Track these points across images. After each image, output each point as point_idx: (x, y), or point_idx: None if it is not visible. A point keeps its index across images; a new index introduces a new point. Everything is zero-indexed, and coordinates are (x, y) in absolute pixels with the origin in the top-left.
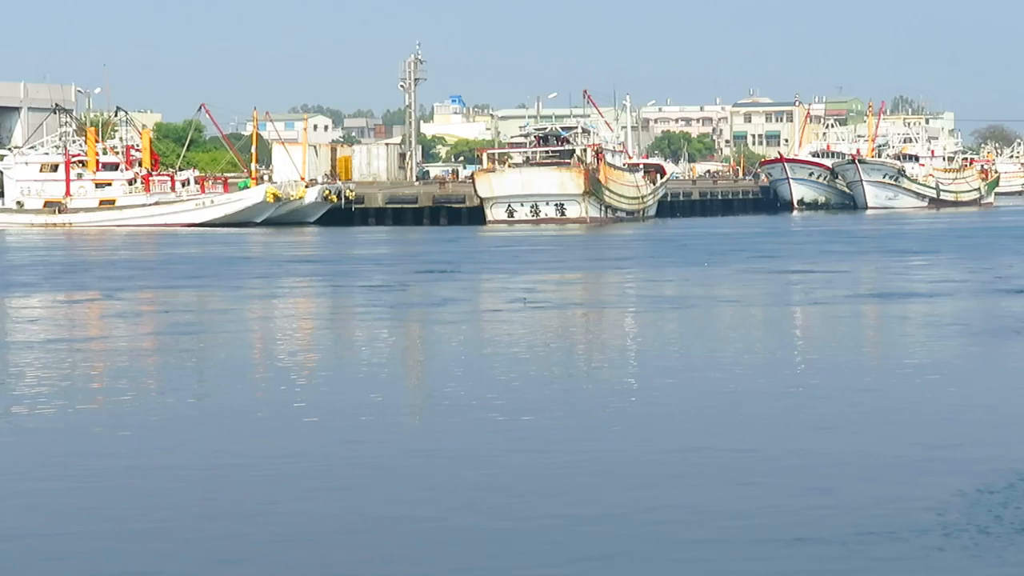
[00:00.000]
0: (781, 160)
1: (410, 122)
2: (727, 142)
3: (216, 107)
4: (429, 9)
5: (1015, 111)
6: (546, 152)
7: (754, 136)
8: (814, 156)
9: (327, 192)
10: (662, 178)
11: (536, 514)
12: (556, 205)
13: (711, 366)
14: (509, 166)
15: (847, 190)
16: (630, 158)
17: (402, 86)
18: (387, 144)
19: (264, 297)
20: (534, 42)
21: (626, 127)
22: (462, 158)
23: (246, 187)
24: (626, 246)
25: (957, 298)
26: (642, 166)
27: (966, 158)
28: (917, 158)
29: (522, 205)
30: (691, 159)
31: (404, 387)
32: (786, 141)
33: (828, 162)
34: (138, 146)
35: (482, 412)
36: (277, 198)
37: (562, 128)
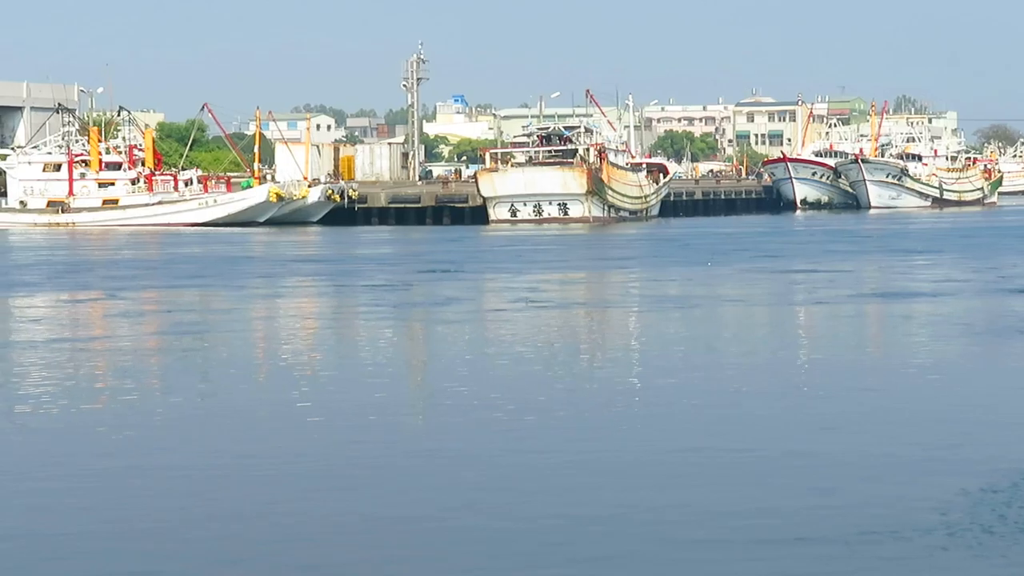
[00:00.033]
0: (784, 160)
1: (413, 122)
2: (730, 141)
3: (219, 107)
4: (432, 9)
5: (1018, 110)
6: (549, 152)
7: (757, 136)
8: (817, 156)
9: (330, 192)
10: (665, 178)
11: (538, 514)
12: (559, 205)
13: (714, 366)
14: (512, 166)
15: (850, 190)
16: (633, 158)
17: (405, 86)
18: (390, 144)
19: (267, 297)
20: (537, 41)
21: (629, 126)
22: (465, 158)
23: (249, 187)
24: (629, 246)
25: (960, 298)
26: (645, 166)
27: (969, 158)
28: (920, 158)
29: (525, 205)
30: (694, 159)
31: (407, 387)
32: (789, 141)
33: (831, 162)
34: (141, 146)
35: (485, 412)
36: (280, 198)
37: (565, 128)
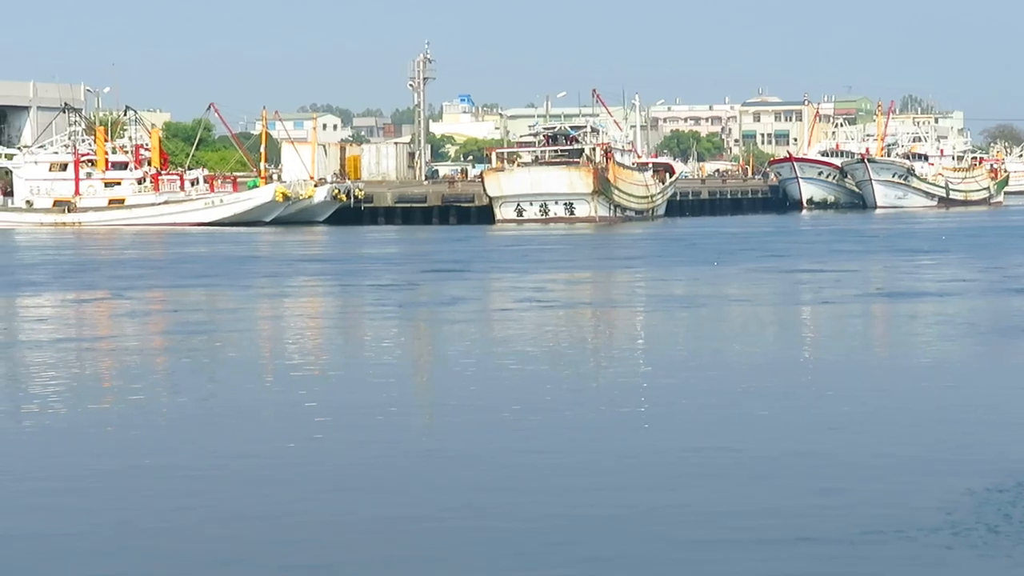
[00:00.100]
0: (790, 159)
1: (419, 121)
2: (736, 141)
3: (225, 106)
4: (438, 8)
5: None
6: (555, 151)
7: (763, 135)
8: (823, 155)
9: (336, 191)
10: (671, 177)
11: (543, 514)
12: (565, 204)
13: (719, 365)
14: (518, 165)
15: (856, 189)
16: (639, 157)
17: (411, 85)
18: (396, 143)
19: (273, 296)
20: (543, 41)
21: (635, 126)
22: (471, 157)
23: (255, 186)
24: (635, 245)
25: (966, 297)
26: (651, 165)
27: (975, 157)
28: (926, 157)
29: (531, 204)
30: (700, 158)
31: (413, 387)
32: (795, 140)
33: (837, 161)
34: (147, 145)
35: (491, 412)
36: (286, 197)
37: (571, 127)
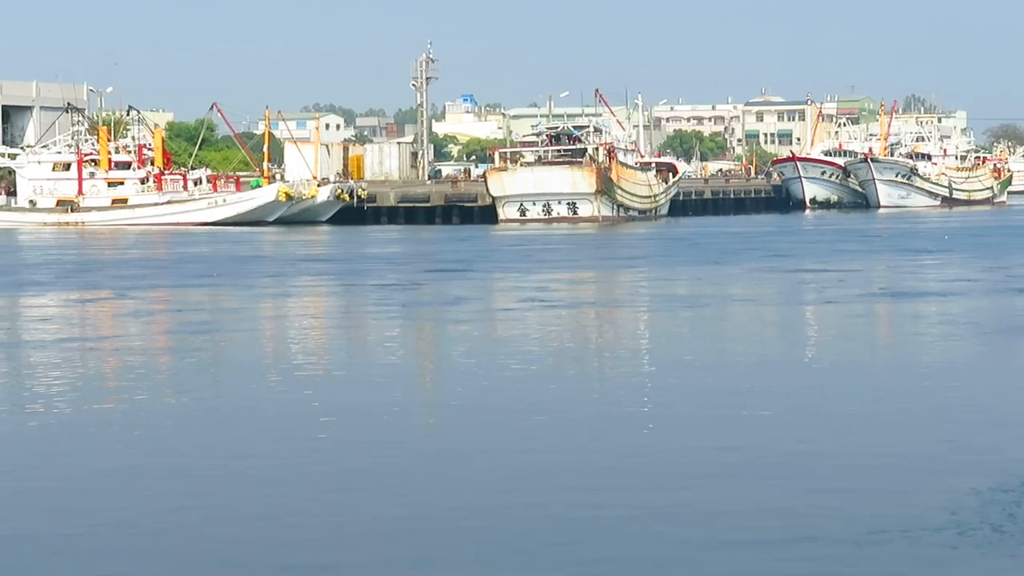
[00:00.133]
0: (793, 159)
1: (422, 121)
2: (739, 141)
3: (228, 106)
4: (441, 8)
5: None
6: (558, 151)
7: (766, 135)
8: (826, 155)
9: (339, 191)
10: (674, 177)
11: (546, 514)
12: (568, 204)
13: (723, 365)
14: (521, 165)
15: (859, 189)
16: (642, 157)
17: (414, 85)
18: (399, 143)
19: (276, 296)
20: (546, 41)
21: (638, 126)
22: (474, 157)
23: (258, 186)
24: (638, 245)
25: (970, 297)
26: (654, 165)
27: (979, 157)
28: (929, 157)
29: (534, 204)
30: (703, 158)
31: (416, 387)
32: (798, 140)
33: (840, 161)
34: (150, 145)
35: (493, 412)
36: (289, 197)
37: (574, 127)
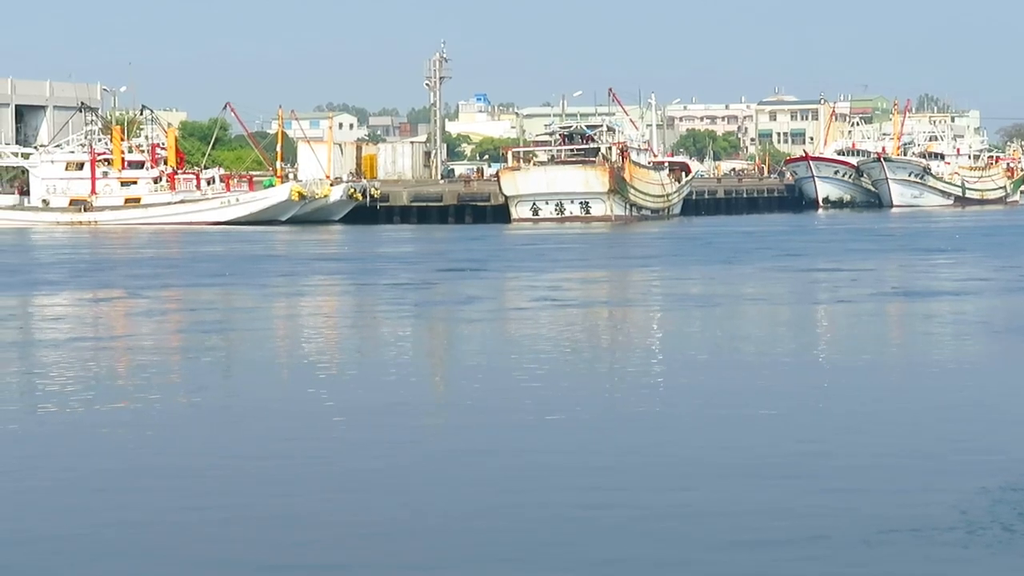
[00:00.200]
0: (806, 158)
1: (435, 120)
2: (752, 140)
3: (241, 106)
4: (454, 7)
5: None
6: (571, 150)
7: (779, 134)
8: (839, 154)
9: (352, 190)
10: (687, 176)
11: (552, 515)
12: (581, 203)
13: (734, 365)
14: (534, 164)
15: (872, 188)
16: (655, 156)
17: (427, 84)
18: (412, 142)
19: (289, 295)
20: (559, 40)
21: (651, 125)
22: (487, 156)
23: (271, 185)
24: (651, 244)
25: (982, 296)
26: (667, 164)
27: (992, 156)
28: (942, 156)
29: (547, 203)
30: (716, 157)
31: (429, 386)
32: (811, 139)
33: (853, 160)
34: (163, 144)
35: (505, 413)
36: (302, 196)
37: (587, 126)
